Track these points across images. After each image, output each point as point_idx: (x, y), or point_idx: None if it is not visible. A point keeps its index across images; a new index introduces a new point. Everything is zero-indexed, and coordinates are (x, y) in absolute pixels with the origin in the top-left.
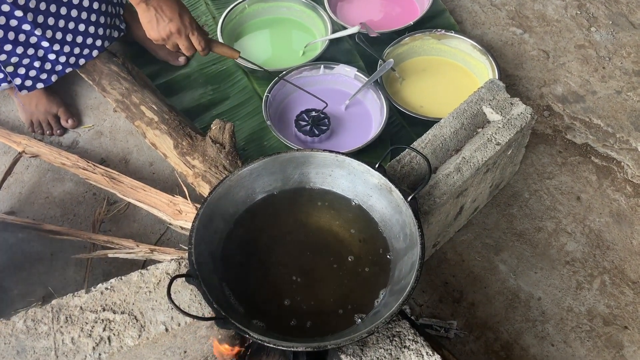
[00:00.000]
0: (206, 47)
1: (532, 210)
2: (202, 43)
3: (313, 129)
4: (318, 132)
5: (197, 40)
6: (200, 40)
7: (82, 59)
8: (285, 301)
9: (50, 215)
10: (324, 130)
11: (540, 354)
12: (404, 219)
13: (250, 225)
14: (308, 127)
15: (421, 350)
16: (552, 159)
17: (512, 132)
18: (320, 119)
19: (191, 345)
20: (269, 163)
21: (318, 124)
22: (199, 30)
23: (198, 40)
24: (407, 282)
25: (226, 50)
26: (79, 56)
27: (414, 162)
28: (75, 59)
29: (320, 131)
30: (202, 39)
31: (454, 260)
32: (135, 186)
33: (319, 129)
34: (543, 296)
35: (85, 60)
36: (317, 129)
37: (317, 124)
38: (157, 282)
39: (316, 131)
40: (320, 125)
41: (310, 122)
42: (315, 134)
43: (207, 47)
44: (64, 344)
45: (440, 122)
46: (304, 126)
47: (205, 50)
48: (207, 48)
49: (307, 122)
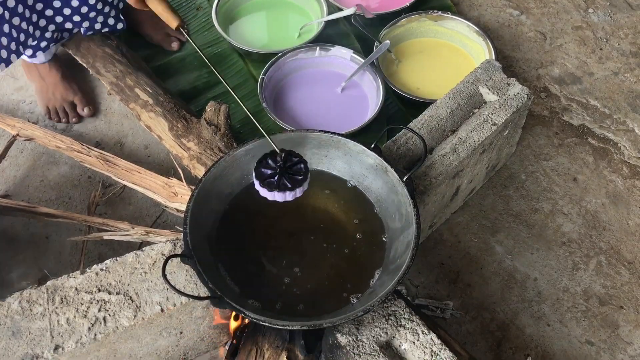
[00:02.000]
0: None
1: (528, 191)
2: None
3: (283, 180)
4: (290, 184)
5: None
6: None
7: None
8: (281, 281)
9: (46, 199)
10: (298, 182)
11: (536, 333)
12: (400, 199)
13: (245, 206)
14: (274, 178)
15: (417, 329)
16: (549, 141)
17: (508, 112)
18: (293, 163)
19: (187, 325)
20: (265, 144)
21: (290, 172)
22: None
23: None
24: (403, 261)
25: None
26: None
27: (410, 143)
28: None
29: (294, 183)
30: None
31: (450, 241)
32: (130, 169)
33: (291, 180)
34: (539, 277)
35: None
36: (289, 180)
37: (289, 173)
38: (153, 263)
39: (288, 183)
40: (293, 174)
41: (279, 170)
42: (287, 186)
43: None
44: (59, 325)
45: (437, 103)
46: (268, 177)
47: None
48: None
49: (274, 170)
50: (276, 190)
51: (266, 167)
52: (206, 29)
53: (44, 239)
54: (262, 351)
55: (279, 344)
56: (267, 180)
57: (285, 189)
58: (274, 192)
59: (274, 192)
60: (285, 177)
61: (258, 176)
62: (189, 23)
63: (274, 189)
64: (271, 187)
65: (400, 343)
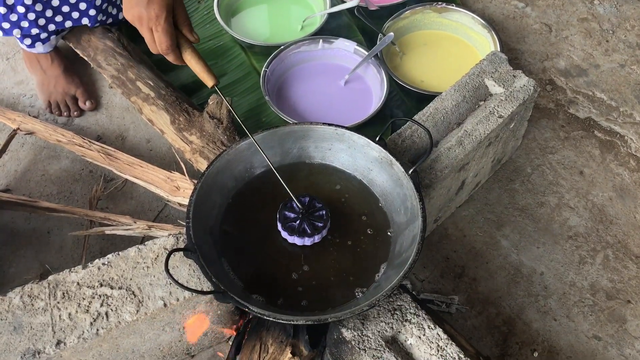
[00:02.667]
0: (169, 51)
1: (534, 185)
2: (163, 45)
3: (303, 225)
4: (310, 230)
5: (158, 38)
6: (161, 41)
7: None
8: (285, 276)
9: (47, 193)
10: (318, 229)
11: (542, 328)
12: (405, 193)
13: (249, 200)
14: (297, 222)
15: (422, 323)
16: (555, 134)
17: (514, 104)
18: (314, 209)
19: None
20: (268, 137)
21: (312, 218)
22: (166, 29)
23: (159, 40)
24: (408, 255)
25: (200, 69)
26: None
27: (415, 136)
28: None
29: (313, 229)
30: (165, 39)
31: (455, 235)
32: (132, 163)
33: (311, 226)
34: (545, 271)
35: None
36: (310, 226)
37: (311, 219)
38: (155, 258)
39: (308, 229)
40: (314, 220)
41: (301, 215)
42: (307, 232)
43: (173, 53)
44: (61, 320)
45: (442, 95)
46: (290, 220)
47: (169, 55)
48: (173, 53)
49: (297, 215)
50: (296, 235)
51: (290, 211)
52: (208, 22)
53: (45, 234)
54: (266, 346)
55: (283, 339)
56: (289, 225)
57: (304, 235)
58: (293, 237)
59: (293, 236)
60: (305, 222)
61: (281, 219)
62: (190, 16)
63: (294, 233)
64: (292, 231)
65: (406, 338)
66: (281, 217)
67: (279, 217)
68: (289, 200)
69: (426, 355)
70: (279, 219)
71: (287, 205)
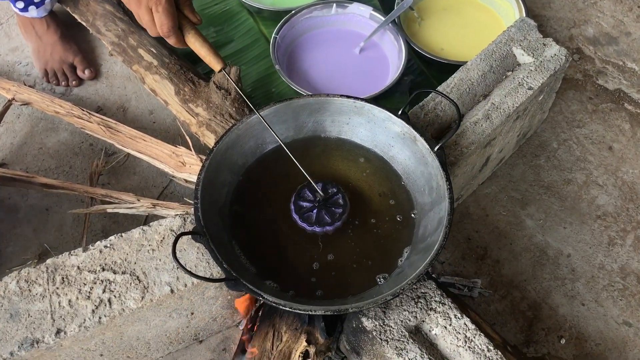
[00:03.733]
0: (171, 33)
1: (560, 161)
2: (164, 27)
3: (322, 214)
4: (330, 218)
5: (159, 19)
6: (162, 22)
7: None
8: (301, 260)
9: (45, 167)
10: (337, 216)
11: (569, 313)
12: (430, 171)
13: (260, 177)
14: (314, 211)
15: (448, 312)
16: (582, 106)
17: (544, 75)
18: (331, 195)
19: (199, 306)
20: (281, 110)
21: (329, 205)
22: (168, 9)
23: (160, 21)
24: (434, 240)
25: (206, 52)
26: None
27: (439, 109)
28: None
29: (332, 216)
30: (166, 20)
31: (477, 214)
32: (135, 136)
33: (330, 214)
34: (573, 253)
35: None
36: (328, 214)
37: (328, 206)
38: (161, 240)
39: (327, 217)
40: (332, 206)
41: (317, 203)
42: (327, 221)
43: (175, 35)
44: (60, 307)
45: (467, 65)
46: (307, 210)
47: (170, 38)
48: (175, 36)
49: (313, 203)
50: (316, 226)
51: (304, 200)
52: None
53: (44, 211)
54: (280, 334)
55: (297, 326)
56: (306, 215)
57: (324, 224)
58: (313, 227)
59: (313, 227)
60: (324, 210)
61: (297, 210)
62: None
63: (314, 224)
64: (310, 222)
65: (430, 328)
66: (296, 207)
67: (294, 208)
68: (301, 188)
69: (452, 346)
70: (294, 210)
71: (301, 194)
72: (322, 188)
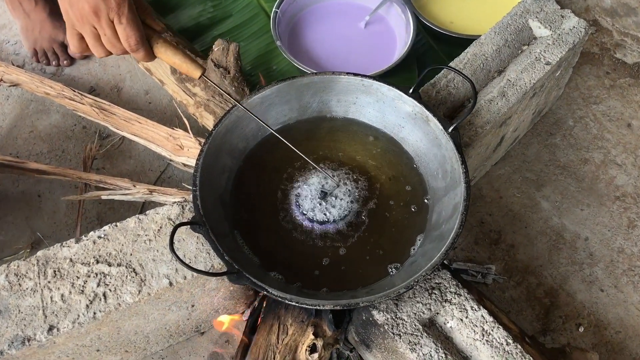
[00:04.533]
0: (140, 46)
1: (577, 139)
2: (131, 39)
3: (327, 208)
4: (337, 209)
5: (124, 32)
6: (129, 35)
7: None
8: (307, 250)
9: (36, 152)
10: (345, 208)
11: (588, 300)
12: (444, 154)
13: (263, 162)
14: (320, 204)
15: (465, 304)
16: (599, 81)
17: (563, 49)
18: (336, 185)
19: (199, 298)
20: (284, 89)
21: (336, 194)
22: (133, 19)
23: (126, 34)
24: (449, 227)
25: (181, 60)
26: None
27: (451, 86)
28: None
29: (340, 208)
30: (133, 32)
31: (490, 197)
32: (129, 118)
33: (337, 205)
34: (590, 236)
35: None
36: (335, 206)
37: (335, 195)
38: (158, 229)
39: (334, 209)
40: (340, 196)
41: (319, 196)
42: (330, 219)
43: (143, 47)
44: (52, 302)
45: (481, 39)
46: (309, 210)
47: (139, 52)
48: (144, 48)
49: (319, 194)
50: (320, 221)
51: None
52: None
53: (36, 198)
54: (285, 327)
55: (304, 319)
56: (311, 208)
57: (330, 219)
58: (324, 225)
59: (324, 224)
60: (330, 200)
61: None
62: None
63: (320, 220)
64: (316, 216)
65: (445, 320)
66: (298, 206)
67: (297, 201)
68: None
69: (469, 340)
70: (297, 204)
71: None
72: (326, 177)
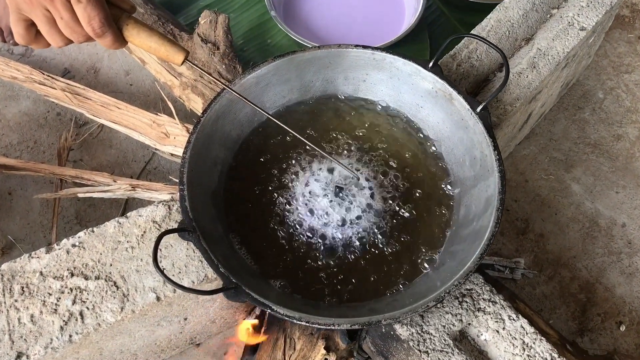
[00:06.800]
0: (106, 29)
1: (608, 113)
2: (95, 20)
3: (339, 205)
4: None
5: (84, 13)
6: (92, 16)
7: None
8: (314, 252)
9: (5, 144)
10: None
11: (628, 294)
12: (472, 137)
13: (260, 152)
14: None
15: (501, 313)
16: (631, 48)
17: (599, 12)
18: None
19: (193, 311)
20: (282, 66)
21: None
22: None
23: (87, 15)
24: (483, 224)
25: (157, 43)
26: None
27: (474, 58)
28: None
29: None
30: (97, 11)
31: (515, 180)
32: (107, 103)
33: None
34: (628, 222)
35: None
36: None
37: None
38: (141, 235)
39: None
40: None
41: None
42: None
43: (110, 30)
44: (20, 324)
45: (504, 3)
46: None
47: (106, 35)
48: (111, 31)
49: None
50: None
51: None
52: None
53: (6, 196)
54: (292, 340)
55: (313, 331)
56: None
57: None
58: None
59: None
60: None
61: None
62: None
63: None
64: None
65: (479, 332)
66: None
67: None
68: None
69: (507, 355)
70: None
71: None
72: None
